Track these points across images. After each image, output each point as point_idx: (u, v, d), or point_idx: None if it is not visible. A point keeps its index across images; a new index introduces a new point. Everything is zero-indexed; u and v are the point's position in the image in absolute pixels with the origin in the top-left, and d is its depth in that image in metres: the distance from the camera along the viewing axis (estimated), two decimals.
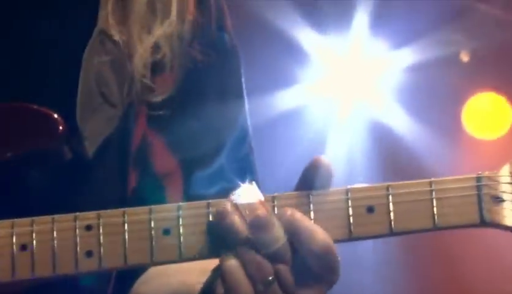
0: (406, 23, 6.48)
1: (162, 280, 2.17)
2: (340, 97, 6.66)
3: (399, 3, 6.39)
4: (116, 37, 2.25)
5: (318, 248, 1.88)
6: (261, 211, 1.84)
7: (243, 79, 2.56)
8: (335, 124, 6.71)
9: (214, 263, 1.88)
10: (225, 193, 1.98)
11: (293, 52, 6.72)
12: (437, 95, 6.36)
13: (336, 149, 6.55)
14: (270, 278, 1.86)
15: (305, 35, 6.67)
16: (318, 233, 1.90)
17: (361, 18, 6.34)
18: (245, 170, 2.39)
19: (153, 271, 2.21)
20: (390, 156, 6.46)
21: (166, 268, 2.11)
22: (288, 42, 6.66)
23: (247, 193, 1.92)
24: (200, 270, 2.00)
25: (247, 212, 1.89)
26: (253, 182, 1.95)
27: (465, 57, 6.12)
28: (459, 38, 6.13)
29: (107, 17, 2.28)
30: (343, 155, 6.54)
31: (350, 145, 6.72)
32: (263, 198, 1.92)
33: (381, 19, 6.47)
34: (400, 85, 6.63)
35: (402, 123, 6.51)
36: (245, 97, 2.55)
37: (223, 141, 2.45)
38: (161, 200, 2.31)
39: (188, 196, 2.33)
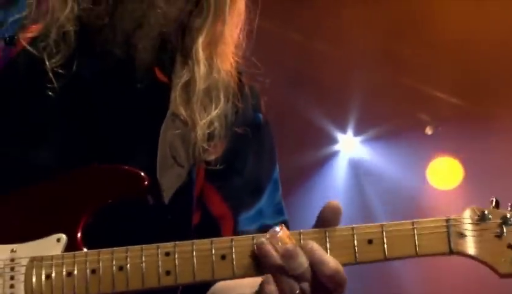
0: (390, 109, 8.13)
1: (225, 293, 2.59)
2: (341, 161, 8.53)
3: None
4: (183, 116, 2.67)
5: (330, 271, 2.28)
6: (290, 244, 2.26)
7: (274, 146, 2.99)
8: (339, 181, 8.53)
9: (259, 279, 2.33)
10: (264, 229, 2.47)
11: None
12: (409, 159, 8.25)
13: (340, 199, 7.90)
14: (297, 292, 2.29)
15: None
16: (330, 261, 2.30)
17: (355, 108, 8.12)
18: (278, 212, 2.86)
19: (217, 286, 2.64)
20: (381, 202, 8.33)
21: (228, 283, 2.55)
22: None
23: (280, 231, 2.36)
24: (251, 286, 2.40)
25: (280, 244, 2.32)
26: (283, 224, 2.40)
27: (429, 131, 8.14)
28: (426, 118, 8.05)
29: (176, 101, 2.70)
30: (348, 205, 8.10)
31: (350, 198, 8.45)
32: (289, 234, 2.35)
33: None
34: (383, 152, 8.43)
35: (387, 179, 8.36)
36: (277, 159, 2.98)
37: (262, 191, 2.90)
38: (217, 234, 2.70)
39: (237, 232, 2.78)
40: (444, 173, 8.05)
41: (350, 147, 8.59)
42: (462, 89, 7.70)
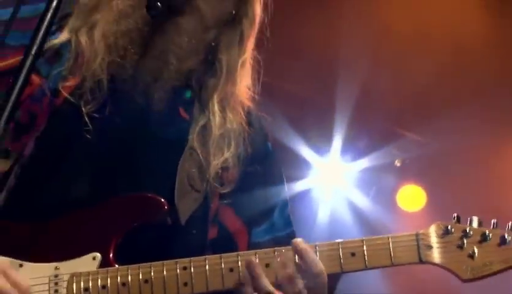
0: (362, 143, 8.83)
1: None
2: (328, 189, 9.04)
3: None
4: (199, 152, 2.94)
5: (317, 270, 2.67)
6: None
7: (282, 169, 3.27)
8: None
9: None
10: (277, 239, 2.83)
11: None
12: (383, 187, 9.03)
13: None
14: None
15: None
16: (318, 264, 2.67)
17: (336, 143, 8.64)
18: (288, 225, 3.13)
19: None
20: (359, 222, 8.96)
21: None
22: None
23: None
24: None
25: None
26: (292, 233, 2.78)
27: (398, 163, 8.79)
28: (395, 152, 8.70)
29: (194, 137, 2.96)
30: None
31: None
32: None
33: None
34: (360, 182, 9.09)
35: (363, 204, 9.04)
36: (285, 180, 3.24)
37: (273, 209, 3.15)
38: (233, 248, 2.95)
39: (251, 243, 3.04)
40: (410, 197, 9.01)
41: (329, 174, 9.23)
42: (424, 128, 8.42)
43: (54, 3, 2.28)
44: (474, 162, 8.13)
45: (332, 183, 9.02)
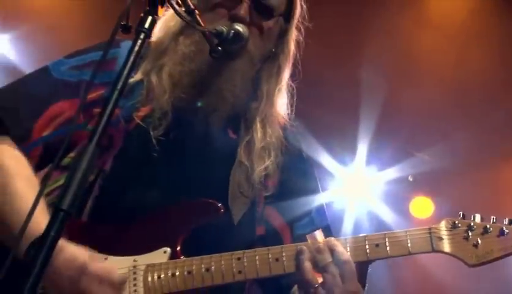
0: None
1: None
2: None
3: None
4: (246, 163, 3.29)
5: (345, 258, 2.96)
6: (321, 243, 2.99)
7: (316, 173, 3.58)
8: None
9: None
10: (316, 229, 3.13)
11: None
12: (399, 198, 9.77)
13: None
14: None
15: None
16: (345, 253, 2.99)
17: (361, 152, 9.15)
18: (324, 219, 3.44)
19: None
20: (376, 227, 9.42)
21: None
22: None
23: (320, 233, 3.04)
24: None
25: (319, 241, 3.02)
26: (327, 226, 3.15)
27: (410, 179, 9.38)
28: (408, 170, 9.28)
29: (241, 153, 3.31)
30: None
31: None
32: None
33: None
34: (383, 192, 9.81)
35: (384, 212, 9.72)
36: (319, 181, 3.55)
37: (311, 206, 3.46)
38: (279, 242, 3.26)
39: (294, 235, 3.35)
40: (421, 207, 9.88)
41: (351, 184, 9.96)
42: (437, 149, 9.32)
43: (132, 58, 2.53)
44: (474, 179, 9.21)
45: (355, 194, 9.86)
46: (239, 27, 3.19)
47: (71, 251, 2.86)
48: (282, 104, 3.49)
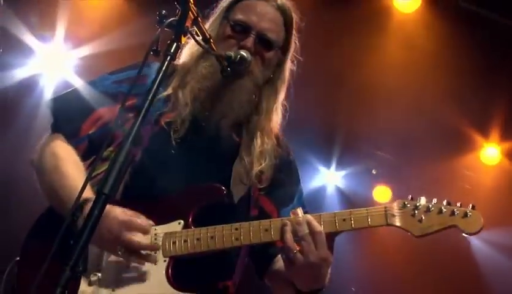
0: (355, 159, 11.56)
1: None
2: None
3: None
4: (246, 160, 3.79)
5: (318, 230, 3.38)
6: (301, 218, 3.40)
7: (299, 173, 4.22)
8: None
9: None
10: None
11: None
12: (365, 187, 11.11)
13: None
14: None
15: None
16: (318, 226, 3.39)
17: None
18: (303, 207, 3.83)
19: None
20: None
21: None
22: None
23: (299, 211, 3.48)
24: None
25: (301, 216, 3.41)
26: (306, 212, 3.48)
27: (374, 172, 10.93)
28: (373, 164, 10.69)
29: (242, 152, 3.84)
30: None
31: None
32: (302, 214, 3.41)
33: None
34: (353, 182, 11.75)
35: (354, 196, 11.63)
36: (300, 179, 4.21)
37: (294, 196, 4.09)
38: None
39: (279, 217, 3.77)
40: (381, 193, 11.53)
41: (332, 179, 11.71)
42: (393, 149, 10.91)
43: (160, 76, 2.98)
44: (423, 172, 10.76)
45: (334, 185, 11.93)
46: (244, 52, 3.73)
47: (108, 208, 3.27)
48: (276, 120, 4.04)
